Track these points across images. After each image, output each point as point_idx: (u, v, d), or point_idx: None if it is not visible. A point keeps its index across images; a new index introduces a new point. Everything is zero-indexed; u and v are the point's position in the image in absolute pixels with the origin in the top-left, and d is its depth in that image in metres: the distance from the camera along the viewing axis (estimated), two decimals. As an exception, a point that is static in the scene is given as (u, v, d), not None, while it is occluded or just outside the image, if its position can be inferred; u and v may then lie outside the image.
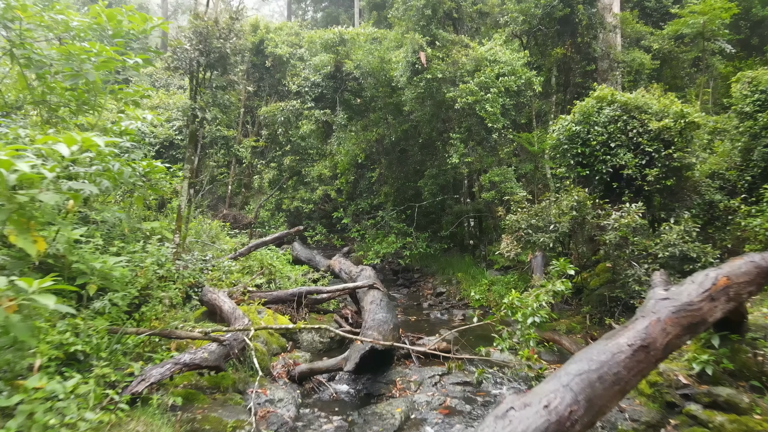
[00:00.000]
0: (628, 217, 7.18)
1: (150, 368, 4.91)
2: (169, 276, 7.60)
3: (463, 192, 14.49)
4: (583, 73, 12.78)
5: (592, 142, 8.33)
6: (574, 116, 8.60)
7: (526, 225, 8.30)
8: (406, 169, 17.09)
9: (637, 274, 7.48)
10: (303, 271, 11.19)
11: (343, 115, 12.88)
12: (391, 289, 14.01)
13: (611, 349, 3.55)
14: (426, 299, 12.57)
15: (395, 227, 14.65)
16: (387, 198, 17.84)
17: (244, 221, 13.99)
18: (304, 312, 8.34)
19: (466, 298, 11.95)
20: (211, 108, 8.29)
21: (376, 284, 8.60)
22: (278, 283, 9.65)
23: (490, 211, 13.19)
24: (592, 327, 8.76)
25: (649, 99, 8.22)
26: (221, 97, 8.15)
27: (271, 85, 15.21)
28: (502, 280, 11.61)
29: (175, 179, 10.83)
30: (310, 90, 13.47)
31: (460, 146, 10.71)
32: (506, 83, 10.42)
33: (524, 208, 8.52)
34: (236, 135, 15.04)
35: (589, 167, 8.44)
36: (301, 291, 8.27)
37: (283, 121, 13.68)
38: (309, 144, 13.84)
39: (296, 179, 17.02)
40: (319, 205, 22.75)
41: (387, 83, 13.41)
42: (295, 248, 12.99)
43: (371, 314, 7.81)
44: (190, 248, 9.66)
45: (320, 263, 11.59)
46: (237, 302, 7.84)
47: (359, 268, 9.78)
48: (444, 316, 10.84)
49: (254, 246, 9.80)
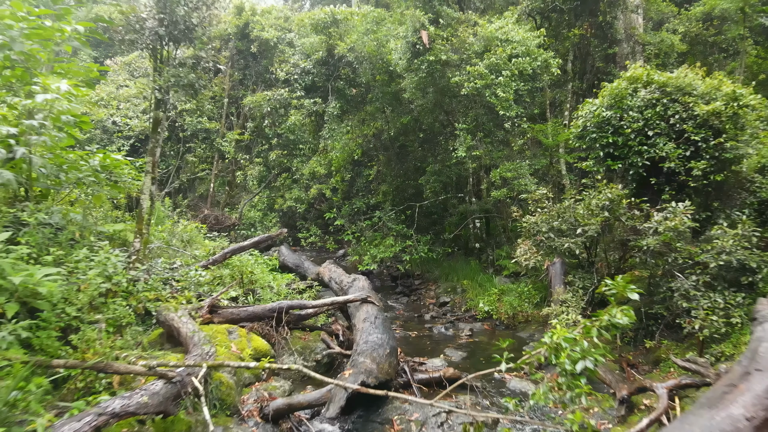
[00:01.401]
0: (675, 219, 5.95)
1: (61, 424, 3.67)
2: (120, 290, 6.38)
3: (468, 190, 13.27)
4: (602, 58, 11.55)
5: (625, 130, 7.11)
6: (603, 100, 7.37)
7: (547, 228, 7.07)
8: (406, 166, 15.91)
9: (684, 288, 6.25)
10: (288, 280, 9.97)
11: (336, 104, 11.65)
12: (389, 297, 12.79)
13: (723, 426, 2.29)
14: (428, 310, 11.35)
15: (394, 229, 13.43)
16: (385, 197, 16.64)
17: (228, 222, 12.76)
18: (284, 331, 7.12)
19: (473, 309, 10.73)
20: (175, 89, 7.05)
21: (371, 297, 7.38)
22: (258, 294, 8.42)
23: (500, 211, 11.97)
24: (625, 348, 7.55)
25: (693, 79, 6.98)
26: (186, 76, 6.92)
27: (257, 73, 13.99)
28: (515, 290, 10.38)
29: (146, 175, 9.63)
30: (300, 78, 12.26)
31: (467, 138, 9.49)
32: (520, 65, 9.20)
33: (545, 208, 7.29)
34: (219, 128, 13.82)
35: (622, 160, 7.21)
36: (281, 306, 7.05)
37: (269, 112, 12.45)
38: (299, 137, 12.61)
39: (287, 177, 15.80)
40: (314, 205, 21.60)
41: (385, 70, 12.19)
42: (282, 253, 11.77)
43: (364, 335, 6.60)
44: (157, 255, 8.44)
45: (309, 270, 10.37)
46: (204, 320, 6.62)
47: (351, 277, 8.55)
48: (449, 330, 9.61)
49: (231, 251, 8.58)
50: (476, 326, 9.87)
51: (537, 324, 9.66)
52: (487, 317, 10.29)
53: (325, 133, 11.42)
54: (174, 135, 13.61)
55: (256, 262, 9.96)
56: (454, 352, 8.13)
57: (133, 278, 6.74)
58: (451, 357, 7.92)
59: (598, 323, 3.26)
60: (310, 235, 18.71)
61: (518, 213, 7.87)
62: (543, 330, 9.45)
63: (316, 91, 12.54)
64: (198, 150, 13.51)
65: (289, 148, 13.79)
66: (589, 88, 12.58)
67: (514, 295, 10.30)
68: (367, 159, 20.59)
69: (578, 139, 7.77)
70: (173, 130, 13.58)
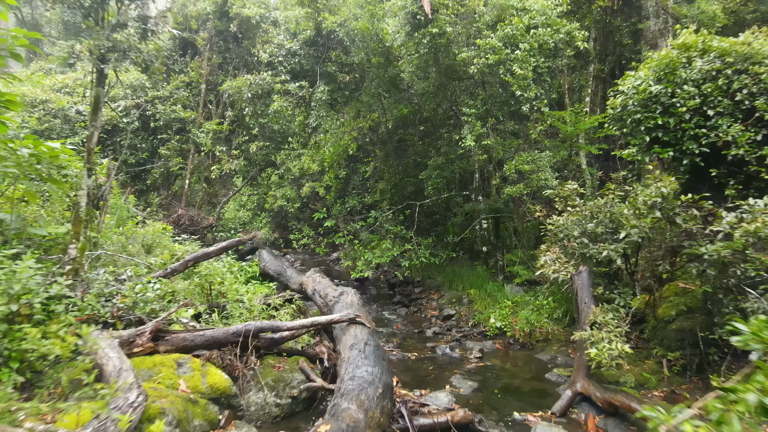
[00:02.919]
0: (757, 221, 4.55)
1: None
2: (36, 312, 4.99)
3: (474, 188, 11.90)
4: (630, 34, 10.16)
5: (678, 108, 5.72)
6: (648, 72, 5.98)
7: (579, 232, 5.67)
8: (405, 162, 14.58)
9: (764, 309, 4.86)
10: (266, 292, 8.58)
11: (325, 88, 10.25)
12: (385, 308, 11.42)
13: None
14: (430, 324, 9.96)
15: (392, 230, 12.06)
16: (383, 196, 15.30)
17: (204, 224, 11.37)
18: (252, 360, 5.72)
19: (482, 324, 9.36)
20: (116, 59, 5.66)
21: (360, 317, 6.00)
22: (228, 310, 7.03)
23: (513, 210, 10.59)
24: (674, 379, 6.18)
25: (765, 44, 5.59)
26: (128, 41, 5.52)
27: (238, 56, 12.60)
28: (532, 303, 9.00)
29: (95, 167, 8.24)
30: (285, 60, 10.90)
31: (477, 124, 8.11)
32: (540, 38, 7.82)
33: (575, 207, 5.91)
34: (196, 117, 12.42)
35: (673, 146, 5.81)
36: (248, 328, 5.68)
37: (250, 99, 11.06)
38: (285, 128, 11.23)
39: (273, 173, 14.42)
40: (309, 205, 20.33)
41: (380, 51, 10.82)
42: (263, 258, 10.39)
43: (350, 367, 5.22)
44: (103, 264, 7.04)
45: (292, 279, 8.99)
46: (145, 350, 5.22)
47: (338, 290, 7.16)
48: (455, 351, 8.23)
49: (193, 259, 7.20)
50: (487, 345, 8.49)
51: (559, 343, 8.29)
52: (499, 334, 8.91)
53: (313, 121, 10.03)
54: (146, 125, 12.22)
55: (229, 270, 8.58)
56: (462, 382, 6.75)
57: (59, 295, 5.34)
58: (460, 389, 6.54)
59: (738, 405, 1.84)
60: (302, 237, 17.36)
61: (541, 213, 6.48)
62: (567, 351, 8.07)
63: (304, 77, 11.16)
64: (171, 143, 12.09)
65: (275, 140, 12.40)
66: (612, 72, 11.20)
67: (530, 309, 8.92)
68: (363, 154, 19.26)
69: (616, 122, 6.38)
70: (146, 120, 12.20)
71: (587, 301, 7.20)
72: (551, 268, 5.59)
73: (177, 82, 12.15)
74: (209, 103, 12.72)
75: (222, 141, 11.97)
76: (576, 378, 6.06)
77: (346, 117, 17.93)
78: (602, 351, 5.15)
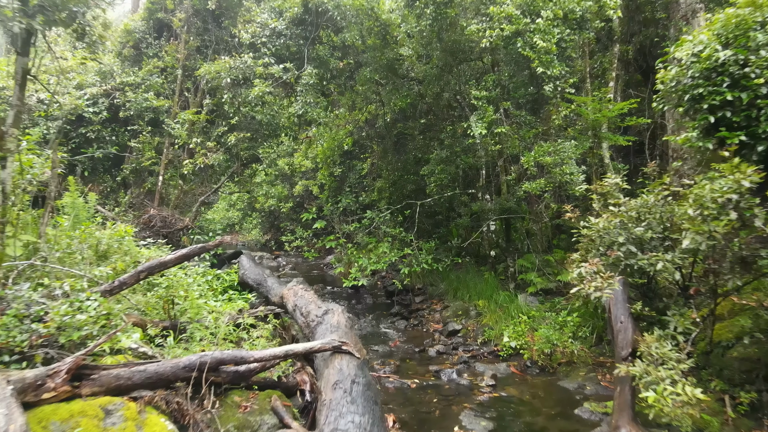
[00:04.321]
0: None
1: None
2: None
3: (481, 185, 10.67)
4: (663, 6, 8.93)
5: (752, 80, 4.48)
6: (710, 35, 4.75)
7: (625, 237, 4.45)
8: (405, 158, 13.38)
9: None
10: (243, 306, 7.37)
11: (312, 71, 9.02)
12: (382, 320, 10.20)
13: None
14: (433, 341, 8.75)
15: (390, 233, 10.84)
16: (381, 194, 14.10)
17: (179, 225, 10.15)
18: (209, 401, 4.50)
19: (493, 342, 8.14)
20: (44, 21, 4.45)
21: (346, 345, 4.78)
22: (188, 331, 5.81)
23: (527, 210, 9.37)
24: (742, 422, 4.95)
25: None
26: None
27: (218, 38, 11.38)
28: (553, 319, 7.79)
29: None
30: (268, 41, 9.68)
31: (488, 110, 6.88)
32: (564, 5, 6.58)
33: (619, 207, 4.70)
34: (171, 106, 11.19)
35: (744, 128, 4.59)
36: (203, 360, 4.48)
37: (230, 84, 9.83)
38: (269, 119, 9.99)
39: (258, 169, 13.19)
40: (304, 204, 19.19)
41: (377, 31, 9.59)
42: (242, 265, 9.17)
43: (332, 416, 4.03)
44: (33, 277, 5.82)
45: (272, 290, 7.76)
46: (61, 396, 3.99)
47: (323, 308, 5.92)
48: (463, 376, 7.01)
49: (146, 270, 5.98)
50: (500, 369, 7.26)
51: (585, 367, 7.06)
52: (513, 354, 7.68)
53: (299, 109, 8.80)
54: (116, 116, 10.99)
55: (201, 279, 7.37)
56: (474, 421, 5.53)
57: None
58: (472, 431, 5.31)
59: None
60: (295, 239, 16.13)
61: (573, 214, 5.25)
62: (597, 378, 6.84)
63: (291, 60, 9.95)
64: (143, 135, 10.86)
65: (261, 133, 11.17)
66: (641, 53, 9.97)
67: (550, 325, 7.68)
68: (360, 150, 18.05)
69: (667, 100, 5.14)
70: (117, 109, 10.98)
71: (623, 320, 5.97)
72: (592, 284, 4.36)
73: (150, 67, 10.93)
74: (186, 90, 11.50)
75: (200, 132, 10.74)
76: (619, 422, 4.84)
77: (340, 109, 16.77)
78: (663, 395, 3.93)
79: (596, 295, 4.32)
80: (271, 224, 27.78)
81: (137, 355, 5.48)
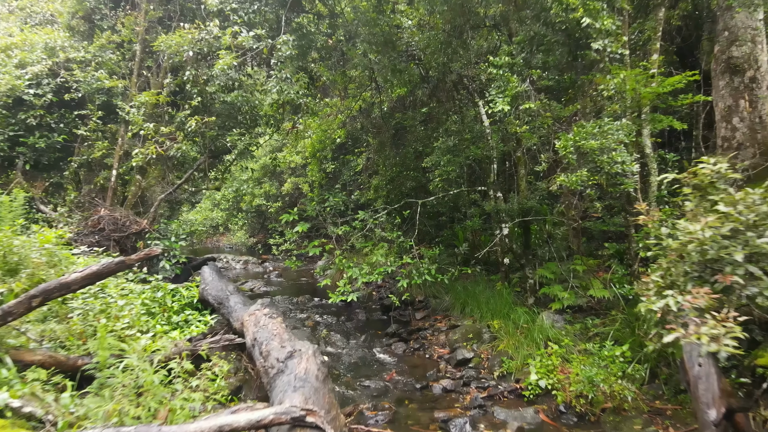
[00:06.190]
0: None
1: None
2: None
3: (492, 181, 9.01)
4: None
5: None
6: None
7: (745, 256, 2.77)
8: (404, 152, 11.80)
9: None
10: (194, 333, 5.75)
11: (290, 39, 7.35)
12: (376, 343, 8.53)
13: None
14: (438, 372, 7.09)
15: (387, 237, 9.19)
16: (377, 193, 12.52)
17: (134, 228, 8.49)
18: None
19: (514, 376, 6.46)
20: None
21: (313, 414, 3.12)
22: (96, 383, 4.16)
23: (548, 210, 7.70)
24: None
25: None
26: None
27: (183, 6, 9.69)
28: (597, 355, 6.07)
29: None
30: (239, 7, 8.00)
31: (512, 80, 5.23)
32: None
33: (732, 205, 3.01)
34: (128, 87, 9.51)
35: None
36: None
37: (193, 59, 8.17)
38: (242, 102, 8.33)
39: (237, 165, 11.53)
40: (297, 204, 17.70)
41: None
42: (204, 279, 7.52)
43: None
44: None
45: (234, 312, 6.08)
46: None
47: (287, 349, 4.21)
48: (478, 428, 5.31)
49: (42, 294, 4.28)
50: (527, 416, 5.59)
51: (640, 417, 5.38)
52: (542, 394, 6.00)
53: (272, 87, 7.14)
54: (63, 100, 9.32)
55: (128, 302, 5.70)
56: None
57: None
58: None
59: None
60: (284, 242, 14.47)
61: (649, 217, 3.58)
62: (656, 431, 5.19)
63: (265, 29, 8.27)
64: (93, 121, 9.19)
65: (236, 119, 9.51)
66: (687, 21, 8.32)
67: (587, 360, 6.00)
68: (354, 143, 16.44)
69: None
70: (64, 91, 9.32)
71: (702, 362, 4.32)
72: (700, 329, 2.70)
73: (103, 42, 9.27)
74: (147, 69, 9.83)
75: (162, 119, 9.08)
76: None
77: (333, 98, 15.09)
78: None
79: (711, 349, 2.65)
80: (260, 225, 26.00)
81: (20, 417, 3.86)
